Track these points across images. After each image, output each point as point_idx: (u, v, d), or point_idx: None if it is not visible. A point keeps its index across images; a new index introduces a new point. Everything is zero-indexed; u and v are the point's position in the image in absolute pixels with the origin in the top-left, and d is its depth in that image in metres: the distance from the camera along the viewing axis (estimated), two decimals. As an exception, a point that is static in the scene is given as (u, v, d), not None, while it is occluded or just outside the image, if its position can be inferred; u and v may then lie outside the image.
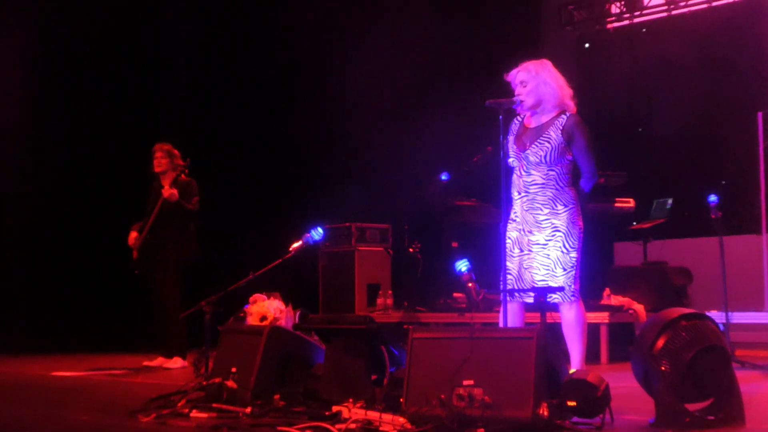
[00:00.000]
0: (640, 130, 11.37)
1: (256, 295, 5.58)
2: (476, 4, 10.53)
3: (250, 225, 10.45)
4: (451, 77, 10.57)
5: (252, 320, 5.42)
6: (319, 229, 5.86)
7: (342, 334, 4.83)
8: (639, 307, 8.24)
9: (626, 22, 11.91)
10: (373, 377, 4.69)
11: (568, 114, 5.23)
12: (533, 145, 5.19)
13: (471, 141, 7.62)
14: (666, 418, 4.12)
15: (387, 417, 4.07)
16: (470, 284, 4.82)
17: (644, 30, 11.65)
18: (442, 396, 4.06)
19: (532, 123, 5.30)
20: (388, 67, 10.35)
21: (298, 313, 5.53)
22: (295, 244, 5.77)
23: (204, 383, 5.01)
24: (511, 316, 5.21)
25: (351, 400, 4.35)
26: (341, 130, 10.56)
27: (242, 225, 10.49)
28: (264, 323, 5.31)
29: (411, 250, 9.51)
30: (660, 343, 4.19)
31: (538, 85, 5.24)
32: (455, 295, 9.10)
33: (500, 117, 5.14)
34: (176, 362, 7.83)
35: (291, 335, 5.15)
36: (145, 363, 7.90)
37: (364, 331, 4.71)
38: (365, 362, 4.68)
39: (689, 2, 11.26)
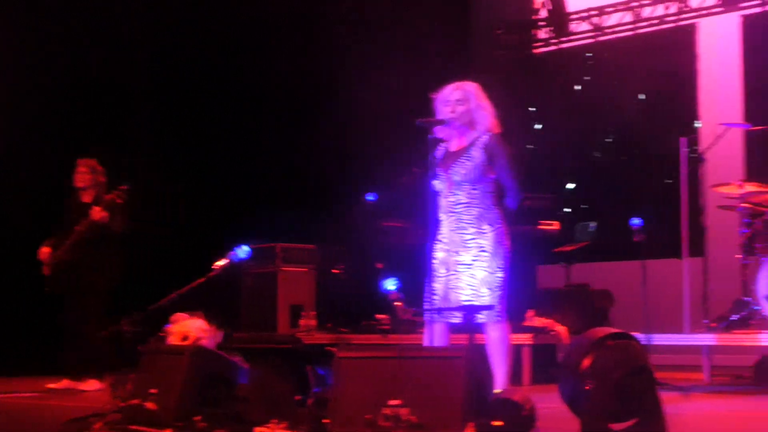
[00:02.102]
0: (567, 153, 11.53)
1: (178, 314, 5.48)
2: (406, 25, 10.59)
3: (174, 242, 10.31)
4: (380, 97, 10.60)
5: (173, 340, 5.32)
6: (245, 248, 5.79)
7: (267, 353, 4.78)
8: (561, 329, 8.35)
9: (553, 47, 12.12)
10: (298, 398, 4.65)
11: (489, 134, 5.29)
12: (456, 165, 5.24)
13: (399, 161, 7.65)
14: (591, 437, 4.16)
15: (311, 438, 4.04)
16: (397, 304, 4.82)
17: (571, 56, 11.86)
18: (369, 416, 4.04)
19: (455, 146, 5.34)
20: (318, 86, 10.34)
21: (221, 333, 5.45)
22: (220, 263, 5.69)
23: (122, 405, 4.89)
24: (436, 336, 5.22)
25: (275, 421, 4.31)
26: (268, 148, 10.49)
27: (165, 242, 10.34)
28: (186, 343, 5.21)
29: (336, 271, 9.48)
30: (586, 362, 4.23)
31: (477, 107, 5.29)
32: (378, 316, 9.10)
33: (430, 137, 5.17)
34: (92, 384, 7.64)
35: (214, 355, 5.07)
36: (50, 386, 7.67)
37: (291, 351, 4.67)
38: (290, 383, 4.64)
39: (615, 29, 11.52)
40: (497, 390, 4.81)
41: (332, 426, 4.13)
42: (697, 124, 10.46)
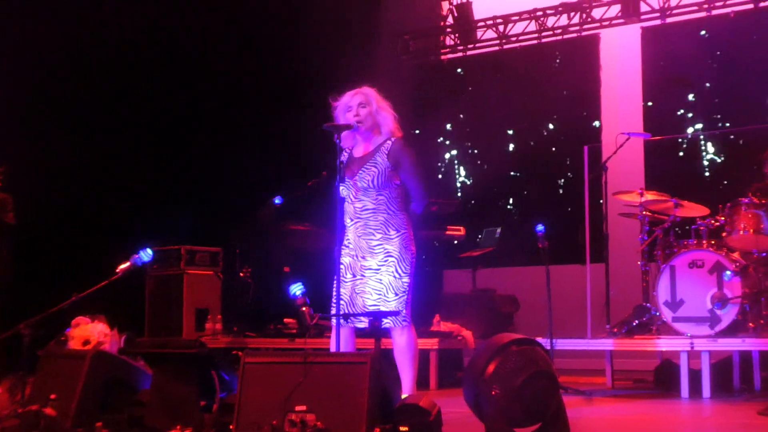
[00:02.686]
0: (472, 158, 11.65)
1: (80, 318, 5.36)
2: (314, 29, 10.55)
3: (75, 243, 10.04)
4: (287, 101, 10.55)
5: (74, 344, 5.21)
6: (149, 250, 5.67)
7: (171, 358, 4.70)
8: (467, 334, 8.42)
9: (460, 54, 12.23)
10: (202, 403, 4.59)
11: (393, 139, 5.31)
12: (361, 171, 5.25)
13: (306, 165, 7.61)
14: (496, 442, 4.20)
15: (216, 444, 3.99)
16: (304, 308, 4.79)
17: (478, 62, 11.99)
18: (274, 422, 4.01)
19: (360, 152, 5.36)
20: (223, 87, 10.23)
21: (123, 337, 5.34)
22: (123, 265, 5.56)
23: (20, 411, 4.75)
24: (342, 341, 5.21)
25: (179, 427, 4.25)
26: (174, 149, 10.32)
27: (66, 243, 10.06)
28: (87, 347, 5.12)
29: (242, 274, 9.41)
30: (491, 368, 4.26)
31: (379, 110, 5.32)
32: (286, 320, 9.06)
33: (336, 140, 5.16)
34: (-12, 389, 7.40)
35: (116, 360, 4.98)
36: None
37: (195, 355, 4.60)
38: (194, 388, 4.57)
39: (520, 37, 11.68)
40: (404, 395, 4.82)
41: (237, 431, 4.08)
42: (596, 123, 10.68)
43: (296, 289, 4.87)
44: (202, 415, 4.47)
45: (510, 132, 11.51)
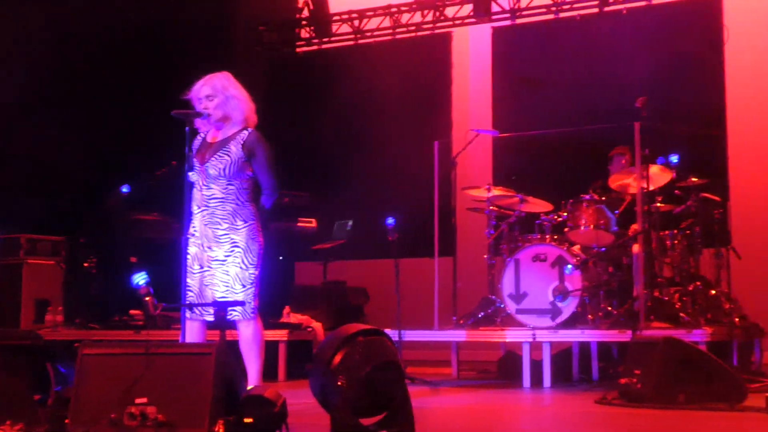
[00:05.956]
0: (325, 152, 11.60)
1: None
2: (167, 15, 10.27)
3: None
4: (137, 88, 10.23)
5: None
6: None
7: (3, 350, 4.45)
8: (317, 325, 8.38)
9: (315, 47, 12.17)
10: (37, 397, 4.37)
11: (249, 130, 5.20)
12: (213, 159, 5.12)
13: (156, 154, 7.39)
14: (341, 432, 4.16)
15: (49, 439, 3.80)
16: (147, 298, 4.63)
17: (333, 56, 11.96)
18: (113, 415, 3.85)
19: (215, 138, 5.22)
20: (76, 75, 9.84)
21: (-46, 329, 5.05)
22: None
23: None
24: (191, 334, 5.08)
25: (9, 422, 4.02)
26: (14, 134, 9.84)
27: None
28: None
29: (86, 264, 9.08)
30: (337, 358, 4.23)
31: (227, 99, 5.19)
32: (132, 312, 8.80)
33: (186, 129, 5.01)
34: None
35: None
36: None
37: (29, 347, 4.38)
38: (27, 381, 4.35)
39: (375, 33, 11.70)
40: (250, 387, 4.72)
41: (73, 426, 3.90)
42: (447, 119, 10.80)
43: (139, 278, 4.72)
44: (36, 410, 4.25)
45: (363, 126, 11.52)
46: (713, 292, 7.70)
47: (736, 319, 7.54)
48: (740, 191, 9.59)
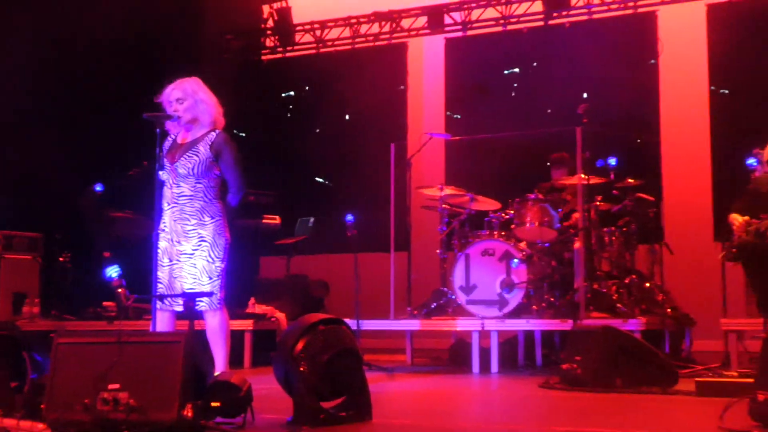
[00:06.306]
0: (288, 155, 11.58)
1: None
2: (139, 18, 10.15)
3: None
4: (111, 92, 10.11)
5: None
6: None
7: (-19, 340, 4.39)
8: (281, 316, 8.37)
9: (279, 55, 12.13)
10: (14, 384, 4.31)
11: (217, 131, 5.18)
12: (182, 158, 5.08)
13: (128, 154, 7.32)
14: (303, 415, 4.17)
15: (26, 424, 3.77)
16: (120, 290, 4.59)
17: (297, 65, 11.92)
18: (86, 401, 3.81)
19: (185, 139, 5.19)
20: (46, 75, 9.69)
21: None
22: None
23: None
24: (162, 323, 5.03)
25: (-13, 408, 3.96)
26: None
27: None
28: None
29: (61, 259, 8.97)
30: (300, 346, 4.23)
31: (196, 102, 5.16)
32: (105, 303, 8.71)
33: (157, 130, 4.96)
34: None
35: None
36: None
37: (6, 337, 4.32)
38: (5, 369, 4.28)
39: (335, 42, 11.69)
40: (217, 373, 4.69)
41: (48, 411, 3.86)
42: (402, 123, 10.83)
43: (112, 271, 4.69)
44: (13, 396, 4.19)
45: (324, 131, 11.52)
46: (647, 284, 7.79)
47: (668, 310, 7.63)
48: (672, 192, 9.73)
